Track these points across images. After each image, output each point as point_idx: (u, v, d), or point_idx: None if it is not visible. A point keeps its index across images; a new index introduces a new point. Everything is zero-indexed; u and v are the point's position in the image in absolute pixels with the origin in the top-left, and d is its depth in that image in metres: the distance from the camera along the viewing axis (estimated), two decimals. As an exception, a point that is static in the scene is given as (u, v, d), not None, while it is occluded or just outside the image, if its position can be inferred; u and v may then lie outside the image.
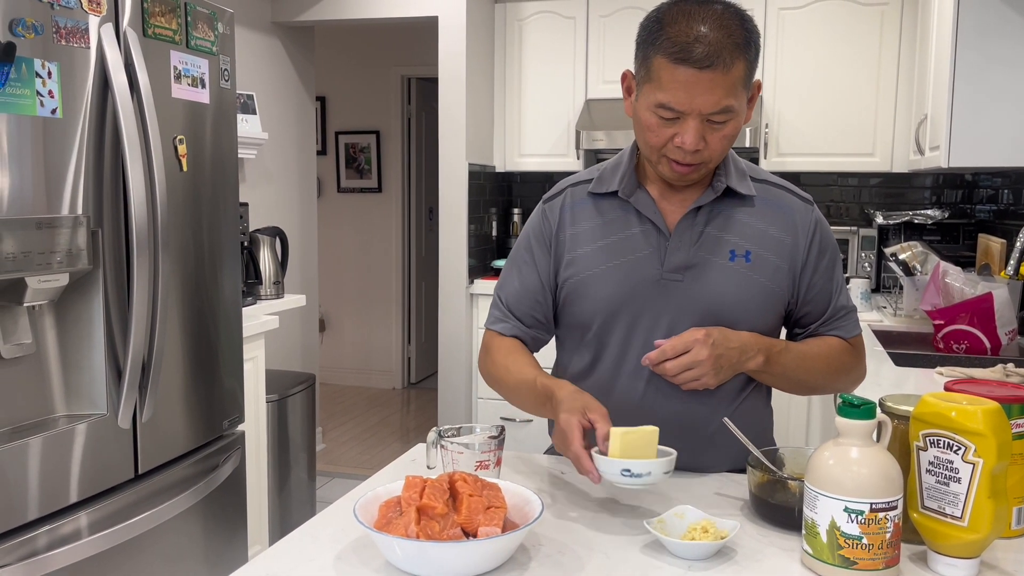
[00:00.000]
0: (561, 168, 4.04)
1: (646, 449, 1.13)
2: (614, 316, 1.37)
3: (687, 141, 1.23)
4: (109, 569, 1.80)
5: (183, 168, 1.98)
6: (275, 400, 3.14)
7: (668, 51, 1.19)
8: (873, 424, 0.98)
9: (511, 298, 1.46)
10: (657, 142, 1.27)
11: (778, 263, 1.36)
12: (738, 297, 1.33)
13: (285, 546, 1.09)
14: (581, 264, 1.39)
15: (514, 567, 1.01)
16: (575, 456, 1.14)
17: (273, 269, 3.27)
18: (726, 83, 1.20)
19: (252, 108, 3.59)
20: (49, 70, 1.60)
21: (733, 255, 1.34)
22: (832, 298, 1.42)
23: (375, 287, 6.02)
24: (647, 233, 1.36)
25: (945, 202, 3.91)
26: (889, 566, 0.96)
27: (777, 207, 1.38)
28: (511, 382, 1.39)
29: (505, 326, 1.46)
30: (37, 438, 1.62)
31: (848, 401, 0.98)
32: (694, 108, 1.21)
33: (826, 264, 1.40)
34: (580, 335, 1.42)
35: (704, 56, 1.18)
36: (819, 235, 1.39)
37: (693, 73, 1.18)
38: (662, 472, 1.11)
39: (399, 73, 5.83)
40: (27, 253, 1.57)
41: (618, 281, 1.36)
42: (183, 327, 2.02)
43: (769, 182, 1.41)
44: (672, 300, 1.34)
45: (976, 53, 2.58)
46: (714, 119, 1.23)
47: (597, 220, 1.40)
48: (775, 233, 1.36)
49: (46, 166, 1.62)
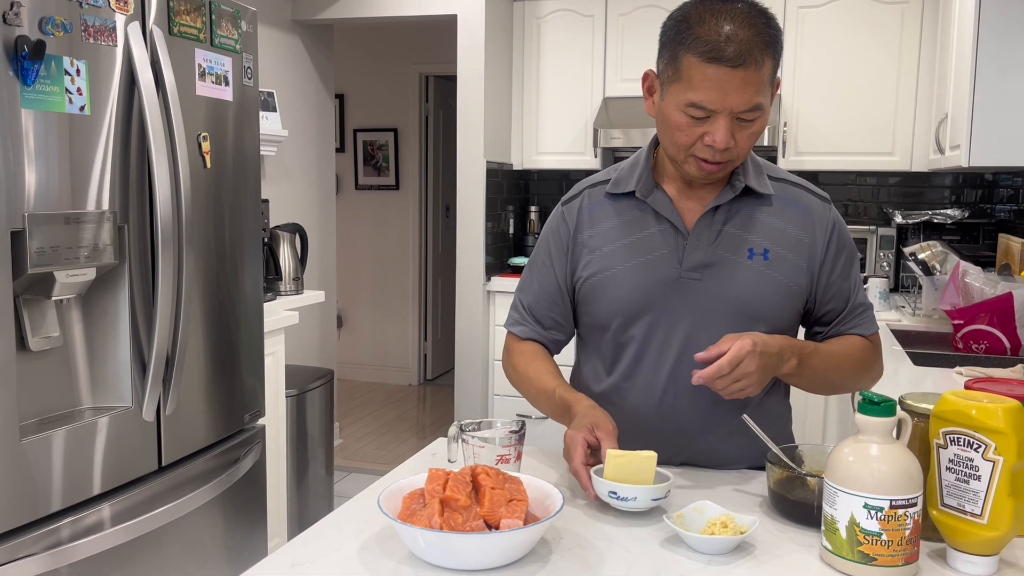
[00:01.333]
0: (578, 166, 4.05)
1: (640, 473, 1.16)
2: (633, 316, 1.37)
3: (718, 140, 1.23)
4: (131, 560, 1.83)
5: (207, 165, 2.00)
6: (294, 395, 3.17)
7: (699, 50, 1.20)
8: (893, 421, 0.98)
9: (530, 300, 1.48)
10: (686, 141, 1.27)
11: (796, 261, 1.36)
12: (757, 295, 1.34)
13: (310, 536, 1.11)
14: (599, 264, 1.39)
15: (535, 560, 1.03)
16: (574, 471, 1.21)
17: (293, 265, 3.29)
18: (757, 81, 1.21)
19: (272, 105, 3.62)
20: (78, 68, 1.62)
21: (752, 253, 1.35)
22: (850, 296, 1.42)
23: (392, 284, 6.04)
24: (665, 233, 1.37)
25: (965, 202, 3.89)
26: (908, 563, 0.96)
27: (795, 205, 1.38)
28: (532, 390, 1.43)
29: (523, 329, 1.48)
30: (62, 430, 1.65)
31: (868, 399, 0.99)
32: (726, 107, 1.22)
33: (844, 262, 1.40)
34: (599, 335, 1.43)
35: (736, 55, 1.18)
36: (837, 234, 1.40)
37: (726, 72, 1.19)
38: (650, 498, 1.15)
39: (417, 71, 5.85)
40: (55, 248, 1.60)
41: (636, 281, 1.36)
42: (206, 322, 2.04)
43: (787, 180, 1.42)
44: (691, 299, 1.35)
45: (998, 52, 2.57)
46: (744, 117, 1.23)
47: (615, 220, 1.40)
48: (793, 232, 1.37)
49: (73, 162, 1.64)
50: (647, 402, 1.37)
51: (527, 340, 1.48)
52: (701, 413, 1.36)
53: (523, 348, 1.48)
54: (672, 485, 1.18)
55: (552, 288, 1.46)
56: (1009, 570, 1.00)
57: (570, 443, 1.23)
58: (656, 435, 1.36)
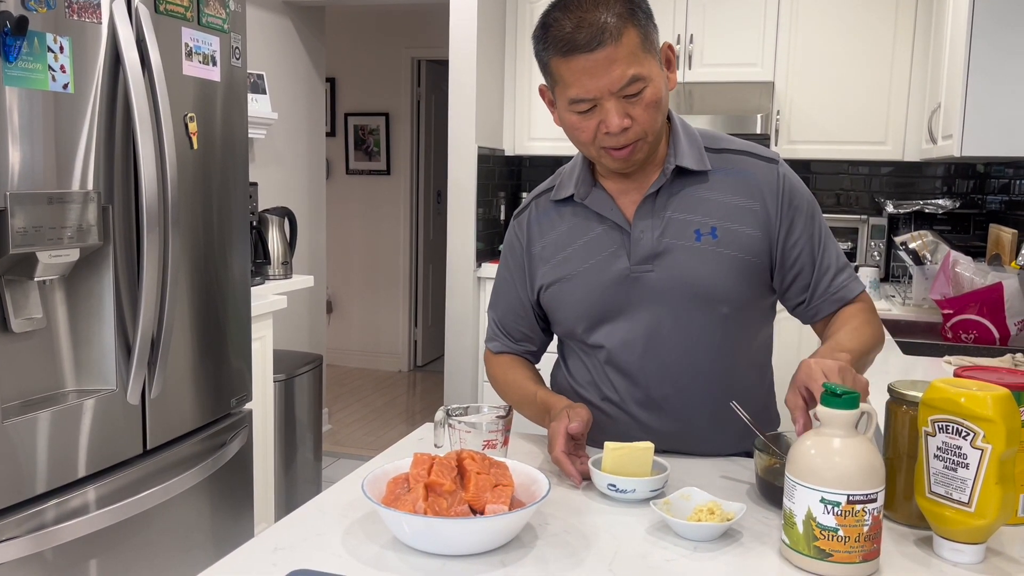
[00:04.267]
0: (570, 153, 4.00)
1: (638, 465, 1.17)
2: (595, 318, 1.37)
3: (611, 124, 1.22)
4: (116, 544, 1.81)
5: (193, 146, 1.98)
6: (282, 380, 3.16)
7: (558, 49, 1.21)
8: (856, 414, 0.96)
9: (499, 315, 1.52)
10: (587, 138, 1.27)
11: (749, 232, 1.31)
12: (710, 276, 1.31)
13: (293, 521, 1.10)
14: (555, 273, 1.39)
15: (520, 545, 1.02)
16: (556, 460, 1.23)
17: (282, 249, 3.27)
18: (622, 55, 1.19)
19: (262, 88, 3.58)
20: (61, 45, 1.60)
21: (699, 235, 1.31)
22: (815, 255, 1.34)
23: (382, 270, 6.02)
24: (609, 231, 1.35)
25: (956, 192, 3.89)
26: (867, 559, 0.94)
27: (737, 174, 1.33)
28: (515, 397, 1.45)
29: (496, 344, 1.52)
30: (46, 412, 1.63)
31: (831, 390, 0.97)
32: (602, 90, 1.20)
33: (802, 220, 1.33)
34: (571, 340, 1.44)
35: (589, 39, 1.18)
36: (787, 191, 1.33)
37: (586, 58, 1.19)
38: (648, 490, 1.15)
39: (409, 55, 5.81)
40: (38, 228, 1.58)
41: (590, 284, 1.36)
42: (192, 305, 2.02)
43: (729, 150, 1.36)
44: (647, 292, 1.33)
45: (991, 42, 2.56)
46: (627, 92, 1.21)
47: (562, 227, 1.40)
48: (739, 202, 1.32)
49: (57, 141, 1.62)
50: (629, 397, 1.37)
51: (501, 354, 1.52)
52: (685, 404, 1.36)
53: (500, 360, 1.52)
54: (669, 476, 1.18)
55: (515, 303, 1.48)
56: (996, 558, 1.00)
57: (552, 434, 1.26)
58: (642, 428, 1.36)
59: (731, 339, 1.35)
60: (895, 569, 0.98)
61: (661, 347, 1.34)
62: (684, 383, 1.35)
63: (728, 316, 1.33)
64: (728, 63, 3.80)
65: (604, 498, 1.17)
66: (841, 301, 1.36)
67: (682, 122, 1.37)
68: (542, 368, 1.53)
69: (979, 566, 0.98)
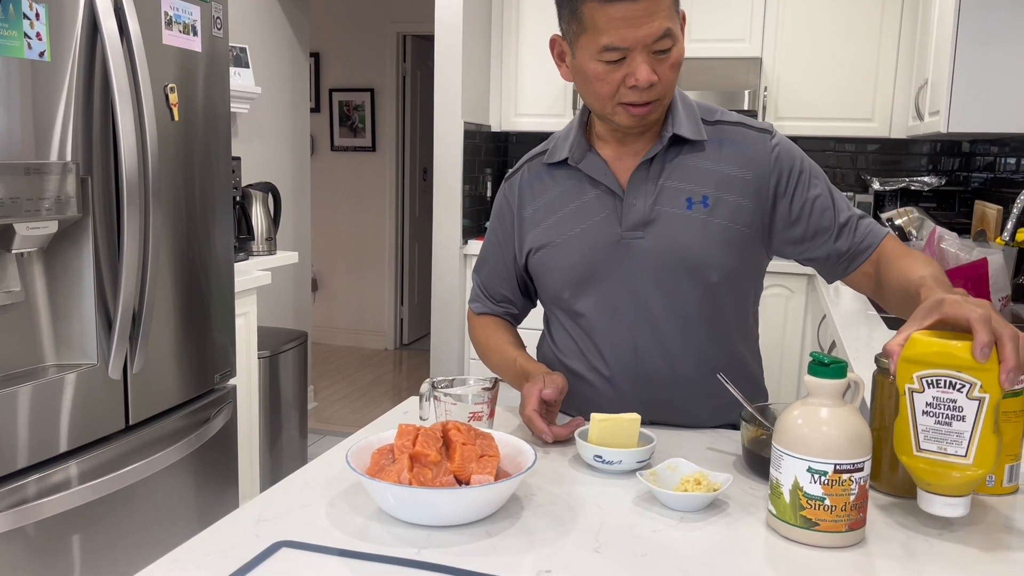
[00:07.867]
0: (557, 128, 4.00)
1: (624, 436, 1.16)
2: (581, 284, 1.36)
3: (641, 77, 1.20)
4: (99, 518, 1.80)
5: (174, 117, 1.94)
6: (267, 356, 3.14)
7: None
8: (843, 383, 0.95)
9: (483, 277, 1.52)
10: (608, 90, 1.24)
11: (741, 202, 1.31)
12: (700, 244, 1.30)
13: (276, 492, 1.09)
14: (545, 237, 1.39)
15: (506, 516, 1.01)
16: (527, 419, 1.25)
17: (265, 225, 3.24)
18: (660, 7, 1.18)
19: (245, 61, 3.53)
20: (37, 12, 1.56)
21: (691, 203, 1.31)
22: (833, 210, 1.33)
23: (368, 247, 5.99)
24: (602, 196, 1.34)
25: (942, 170, 3.89)
26: (853, 529, 0.94)
27: (732, 145, 1.33)
28: (495, 359, 1.47)
29: (477, 305, 1.54)
30: (27, 386, 1.61)
31: (818, 360, 0.96)
32: (639, 41, 1.18)
33: (805, 181, 1.33)
34: (557, 307, 1.43)
35: None
36: (782, 159, 1.33)
37: (628, 6, 1.16)
38: (635, 460, 1.15)
39: (395, 30, 5.75)
40: (15, 199, 1.55)
41: (579, 249, 1.35)
42: (174, 279, 2.00)
43: (724, 121, 1.36)
44: (637, 258, 1.32)
45: (979, 18, 2.55)
46: (659, 47, 1.20)
47: (555, 191, 1.39)
48: (732, 172, 1.32)
49: (35, 110, 1.58)
50: (615, 367, 1.36)
51: (483, 315, 1.53)
52: (670, 373, 1.35)
53: (483, 321, 1.53)
54: (656, 447, 1.17)
55: (500, 266, 1.48)
56: (986, 527, 1.00)
57: (525, 394, 1.27)
58: (628, 399, 1.35)
59: (719, 310, 1.35)
60: (881, 538, 0.98)
61: (648, 315, 1.33)
62: (671, 353, 1.34)
63: (716, 286, 1.32)
64: (716, 39, 3.77)
65: (590, 469, 1.17)
66: (871, 247, 1.33)
67: (680, 92, 1.36)
68: (528, 343, 1.52)
69: (966, 535, 0.98)
